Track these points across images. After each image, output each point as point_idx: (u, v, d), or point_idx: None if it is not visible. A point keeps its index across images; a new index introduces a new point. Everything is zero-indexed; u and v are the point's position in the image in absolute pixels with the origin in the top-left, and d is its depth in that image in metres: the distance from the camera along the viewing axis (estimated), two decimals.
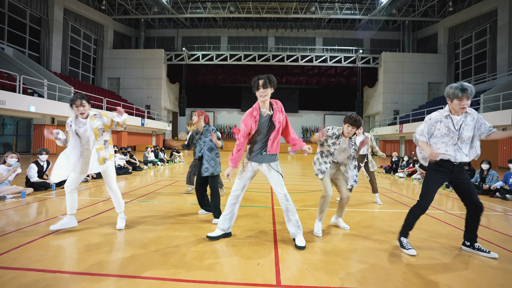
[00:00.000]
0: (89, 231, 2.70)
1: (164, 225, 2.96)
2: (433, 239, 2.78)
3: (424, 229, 3.08)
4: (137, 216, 3.27)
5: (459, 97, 2.22)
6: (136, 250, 2.27)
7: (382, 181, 7.44)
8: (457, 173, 2.33)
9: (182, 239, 2.57)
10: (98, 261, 2.04)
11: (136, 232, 2.74)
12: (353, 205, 4.17)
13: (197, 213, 3.51)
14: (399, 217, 3.52)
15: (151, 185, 5.65)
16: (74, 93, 14.99)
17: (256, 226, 3.02)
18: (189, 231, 2.82)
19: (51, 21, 18.78)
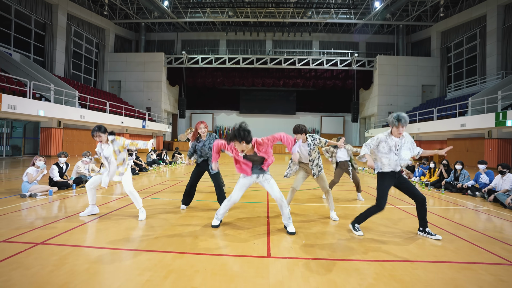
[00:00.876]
0: (117, 221, 3.30)
1: (177, 216, 3.56)
2: (397, 227, 3.40)
3: (391, 218, 3.70)
4: (153, 209, 3.87)
5: (396, 125, 2.85)
6: (158, 232, 2.88)
7: (370, 181, 8.05)
8: (398, 178, 3.02)
9: (193, 227, 3.17)
10: (131, 240, 2.64)
11: (156, 221, 3.34)
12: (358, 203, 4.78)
13: (201, 209, 4.10)
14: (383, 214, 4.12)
15: (158, 184, 6.23)
16: (78, 97, 15.60)
17: (253, 218, 3.63)
18: (198, 220, 3.42)
19: (55, 26, 19.33)
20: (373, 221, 3.55)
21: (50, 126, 13.43)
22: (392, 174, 2.98)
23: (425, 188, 6.38)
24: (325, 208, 4.30)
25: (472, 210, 4.43)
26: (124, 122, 18.59)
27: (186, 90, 26.95)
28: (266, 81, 26.45)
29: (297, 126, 3.62)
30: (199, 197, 4.88)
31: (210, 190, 5.61)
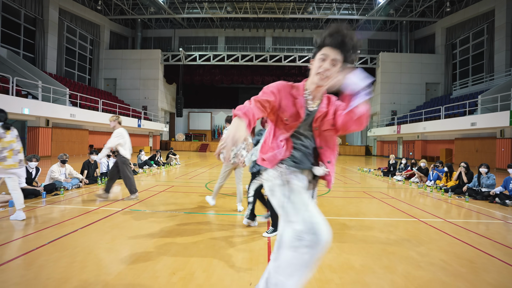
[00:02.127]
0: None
1: (152, 239, 2.88)
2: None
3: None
4: (123, 227, 3.18)
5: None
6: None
7: (379, 185, 7.38)
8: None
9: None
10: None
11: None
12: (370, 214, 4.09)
13: (187, 223, 3.41)
14: (398, 226, 3.45)
15: (144, 191, 5.54)
16: (69, 94, 14.87)
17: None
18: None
19: (46, 21, 18.57)
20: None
21: (38, 125, 12.71)
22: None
23: (444, 195, 5.70)
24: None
25: (503, 222, 3.77)
26: None
27: (183, 88, 26.23)
28: (266, 79, 25.73)
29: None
30: (184, 207, 4.19)
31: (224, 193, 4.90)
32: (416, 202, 5.09)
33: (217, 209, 4.17)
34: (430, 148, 18.88)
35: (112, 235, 2.82)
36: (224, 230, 3.15)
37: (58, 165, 5.14)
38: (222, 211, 4.01)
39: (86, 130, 16.82)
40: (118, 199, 4.66)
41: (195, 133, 28.75)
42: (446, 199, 5.40)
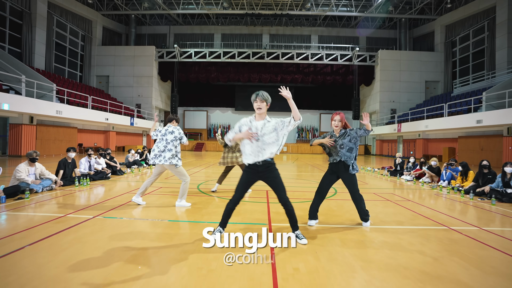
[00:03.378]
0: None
1: (118, 262, 2.23)
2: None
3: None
4: (85, 242, 2.53)
5: (255, 99, 2.58)
6: None
7: (388, 185, 6.81)
8: (263, 172, 2.53)
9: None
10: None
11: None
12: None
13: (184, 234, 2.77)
14: (428, 237, 2.85)
15: (126, 194, 4.88)
16: (56, 90, 14.09)
17: None
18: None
19: (33, 14, 17.74)
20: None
21: (21, 122, 11.93)
22: (253, 167, 2.54)
23: (464, 196, 5.12)
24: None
25: None
26: (109, 119, 17.12)
27: (178, 86, 25.51)
28: (263, 77, 25.13)
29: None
30: (170, 216, 3.55)
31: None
32: (437, 205, 4.51)
33: (210, 216, 3.53)
34: (431, 146, 18.42)
35: (66, 255, 2.16)
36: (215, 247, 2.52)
37: (26, 164, 4.45)
38: (216, 218, 3.37)
39: (75, 128, 16.03)
40: (92, 204, 4.00)
41: (191, 132, 28.03)
42: (467, 201, 4.83)
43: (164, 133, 3.90)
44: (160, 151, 3.82)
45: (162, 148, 3.83)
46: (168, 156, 3.81)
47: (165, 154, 3.80)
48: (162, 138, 3.88)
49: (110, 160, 7.14)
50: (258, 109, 2.56)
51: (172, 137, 3.90)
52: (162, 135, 3.89)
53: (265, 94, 2.59)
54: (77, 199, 4.26)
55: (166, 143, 3.84)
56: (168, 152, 3.82)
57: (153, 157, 3.86)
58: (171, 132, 3.92)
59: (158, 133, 3.96)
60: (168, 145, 3.84)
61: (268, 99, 2.61)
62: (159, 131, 3.97)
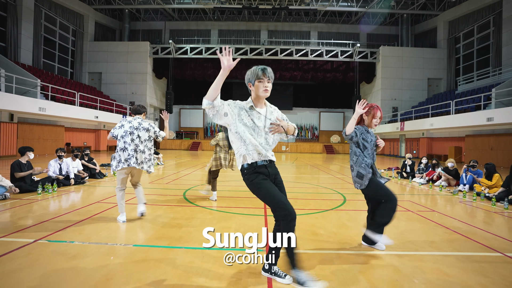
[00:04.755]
0: None
1: None
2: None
3: None
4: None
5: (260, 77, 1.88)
6: None
7: (401, 190, 6.06)
8: (274, 174, 1.96)
9: None
10: None
11: None
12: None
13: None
14: (484, 272, 2.11)
15: (97, 203, 4.09)
16: (41, 86, 13.23)
17: None
18: None
19: (19, 7, 16.81)
20: None
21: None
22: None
23: (495, 205, 4.37)
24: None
25: None
26: (99, 117, 16.25)
27: (174, 83, 24.66)
28: None
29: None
30: (127, 236, 2.77)
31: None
32: (469, 218, 3.75)
33: (190, 235, 2.76)
34: (436, 146, 17.72)
35: None
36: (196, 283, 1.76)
37: None
38: (200, 240, 2.60)
39: (62, 126, 15.15)
40: (45, 219, 3.22)
41: (187, 130, 27.21)
42: (502, 211, 4.09)
43: (136, 126, 3.09)
44: (132, 149, 3.02)
45: (133, 147, 3.04)
46: (142, 159, 3.05)
47: (138, 156, 3.03)
48: (132, 132, 3.06)
49: (88, 161, 6.33)
50: (264, 91, 1.89)
51: (147, 136, 3.13)
52: (133, 128, 3.07)
53: (272, 71, 1.93)
54: (30, 213, 3.46)
55: (139, 142, 3.06)
56: (141, 153, 3.05)
57: (121, 157, 3.03)
58: (146, 128, 3.13)
59: (126, 123, 3.10)
60: (140, 145, 3.06)
61: (272, 78, 1.93)
62: (125, 122, 3.14)
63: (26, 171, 4.46)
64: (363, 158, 2.45)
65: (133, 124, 3.10)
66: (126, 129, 3.06)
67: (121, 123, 3.12)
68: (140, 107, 3.28)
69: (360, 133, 2.46)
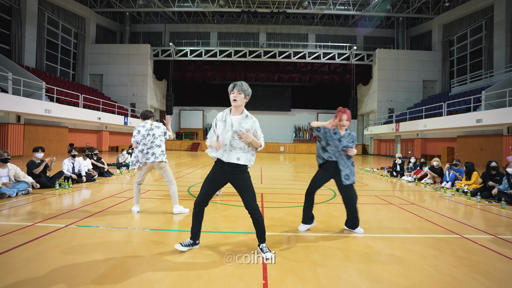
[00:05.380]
0: None
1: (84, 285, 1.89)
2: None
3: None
4: (46, 258, 2.19)
5: (231, 90, 2.30)
6: None
7: (390, 187, 6.52)
8: (230, 173, 2.29)
9: None
10: None
11: None
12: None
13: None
14: (441, 248, 2.56)
15: (109, 198, 4.53)
16: (46, 88, 13.63)
17: None
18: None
19: (23, 11, 17.23)
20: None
21: (7, 122, 11.46)
22: (219, 165, 2.33)
23: (470, 199, 4.83)
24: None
25: None
26: (101, 118, 16.67)
27: (174, 85, 25.10)
28: (260, 76, 24.81)
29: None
30: (151, 224, 3.21)
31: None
32: (443, 209, 4.21)
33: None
34: (430, 146, 18.23)
35: (17, 276, 1.81)
36: (203, 258, 2.20)
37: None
38: (206, 226, 3.04)
39: (66, 127, 15.56)
40: (69, 210, 3.65)
41: (186, 131, 27.63)
42: (475, 204, 4.54)
43: (149, 127, 3.56)
44: (148, 148, 3.49)
45: (150, 145, 3.50)
46: (158, 153, 3.49)
47: (155, 151, 3.49)
48: (148, 133, 3.53)
49: (97, 161, 6.76)
50: (233, 100, 2.27)
51: (160, 132, 3.58)
52: (148, 130, 3.54)
53: (245, 85, 2.29)
54: (54, 205, 3.90)
55: (154, 138, 3.52)
56: (157, 148, 3.50)
57: (138, 157, 3.49)
58: (157, 126, 3.59)
59: (141, 128, 3.58)
60: (155, 140, 3.52)
61: (246, 90, 2.30)
62: (140, 127, 3.60)
63: (40, 167, 4.89)
64: (318, 150, 2.98)
65: (147, 126, 3.56)
66: (143, 132, 3.54)
67: (136, 129, 3.59)
68: (148, 112, 3.74)
69: (324, 131, 2.90)
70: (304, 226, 3.00)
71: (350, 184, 2.86)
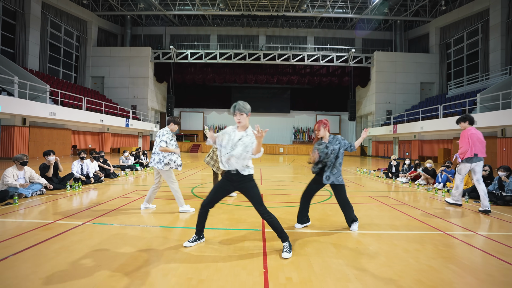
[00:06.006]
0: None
1: (107, 272, 2.16)
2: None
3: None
4: (72, 250, 2.47)
5: (233, 113, 2.51)
6: None
7: (384, 188, 6.80)
8: (237, 182, 2.52)
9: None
10: None
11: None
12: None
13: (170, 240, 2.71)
14: (423, 243, 2.83)
15: (118, 198, 4.80)
16: (50, 91, 13.90)
17: None
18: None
19: (27, 15, 17.53)
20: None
21: (13, 124, 11.74)
22: (228, 176, 2.56)
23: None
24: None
25: None
26: (104, 120, 16.95)
27: (174, 87, 25.40)
28: (259, 78, 25.11)
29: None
30: (161, 221, 3.48)
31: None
32: (431, 208, 4.48)
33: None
34: (427, 148, 18.53)
35: (52, 266, 2.09)
36: (210, 252, 2.47)
37: (14, 168, 4.35)
38: (211, 223, 3.31)
39: (69, 129, 15.83)
40: (83, 209, 3.92)
41: (187, 133, 27.91)
42: (464, 204, 4.82)
43: (158, 135, 3.87)
44: (152, 152, 3.83)
45: (153, 150, 3.82)
46: (156, 160, 3.76)
47: (154, 157, 3.78)
48: (156, 139, 3.87)
49: (104, 163, 7.03)
50: (238, 122, 2.51)
51: (158, 140, 3.83)
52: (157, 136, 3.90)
53: (242, 104, 2.49)
54: (68, 204, 4.17)
55: (156, 145, 3.81)
56: (156, 155, 3.78)
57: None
58: (158, 136, 3.85)
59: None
60: (156, 148, 3.80)
61: (246, 109, 2.50)
62: None
63: (50, 169, 5.17)
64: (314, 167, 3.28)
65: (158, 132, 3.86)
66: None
67: None
68: (169, 119, 3.98)
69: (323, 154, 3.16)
70: (299, 225, 3.28)
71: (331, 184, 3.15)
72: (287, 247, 2.46)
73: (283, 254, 2.41)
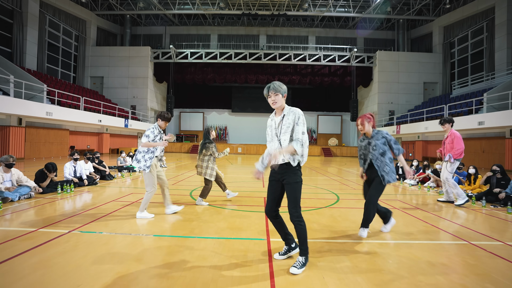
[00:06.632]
0: None
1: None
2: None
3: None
4: (52, 265, 2.16)
5: (267, 94, 2.25)
6: None
7: (391, 190, 6.48)
8: (281, 174, 2.26)
9: None
10: None
11: None
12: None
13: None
14: (449, 256, 2.52)
15: (111, 202, 4.50)
16: (47, 91, 13.63)
17: None
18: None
19: (25, 14, 17.28)
20: None
21: (8, 124, 11.45)
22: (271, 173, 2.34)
23: (475, 203, 4.79)
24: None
25: None
26: (102, 121, 16.66)
27: (174, 87, 25.12)
28: (260, 78, 24.81)
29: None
30: (155, 230, 3.18)
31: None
32: (448, 214, 4.17)
33: (201, 229, 3.17)
34: (431, 148, 18.19)
35: (22, 285, 1.79)
36: (208, 267, 2.17)
37: (0, 171, 4.06)
38: (209, 232, 3.01)
39: (67, 130, 15.55)
40: (71, 215, 3.62)
41: (187, 133, 27.63)
42: (480, 208, 4.51)
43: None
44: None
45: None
46: (135, 159, 3.46)
47: (136, 156, 3.49)
48: None
49: (99, 164, 6.73)
50: (273, 103, 2.24)
51: (143, 136, 3.52)
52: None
53: (278, 83, 2.22)
54: (56, 209, 3.87)
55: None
56: (138, 154, 3.47)
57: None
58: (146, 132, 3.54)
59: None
60: (139, 147, 3.51)
61: (282, 88, 2.23)
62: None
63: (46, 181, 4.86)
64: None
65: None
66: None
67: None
68: (157, 114, 3.69)
69: (360, 148, 3.07)
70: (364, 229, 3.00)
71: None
72: (300, 262, 2.16)
73: (292, 268, 2.11)
